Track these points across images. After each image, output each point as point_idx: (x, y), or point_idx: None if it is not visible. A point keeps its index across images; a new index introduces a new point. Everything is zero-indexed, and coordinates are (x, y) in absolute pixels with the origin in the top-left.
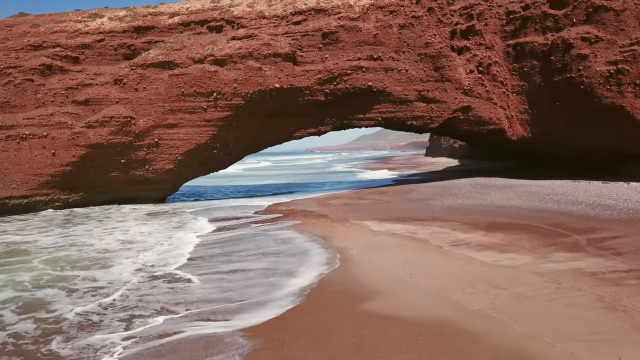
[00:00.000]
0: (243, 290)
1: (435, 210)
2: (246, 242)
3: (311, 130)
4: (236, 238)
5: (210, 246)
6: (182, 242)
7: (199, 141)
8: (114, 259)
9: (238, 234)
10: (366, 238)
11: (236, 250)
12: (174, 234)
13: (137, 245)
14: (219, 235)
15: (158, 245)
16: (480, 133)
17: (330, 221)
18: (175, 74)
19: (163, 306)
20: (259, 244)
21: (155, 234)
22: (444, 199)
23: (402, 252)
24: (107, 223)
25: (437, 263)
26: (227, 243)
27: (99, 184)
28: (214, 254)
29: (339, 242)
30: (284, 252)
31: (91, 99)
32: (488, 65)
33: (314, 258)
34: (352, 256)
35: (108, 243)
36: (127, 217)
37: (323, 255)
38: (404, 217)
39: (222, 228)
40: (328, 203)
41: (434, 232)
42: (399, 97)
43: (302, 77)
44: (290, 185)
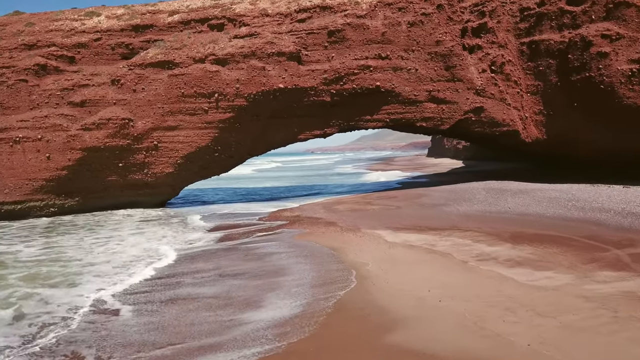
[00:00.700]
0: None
1: (452, 217)
2: (239, 255)
3: (316, 132)
4: (228, 250)
5: (191, 260)
6: (158, 256)
7: (200, 144)
8: (81, 276)
9: (233, 244)
10: (382, 250)
11: (221, 266)
12: (155, 247)
13: (106, 261)
14: (210, 247)
15: (127, 262)
16: (492, 135)
17: (340, 230)
18: (175, 74)
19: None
20: (260, 264)
21: (139, 245)
22: (458, 205)
23: (423, 268)
24: (97, 232)
25: (465, 282)
26: (214, 256)
27: (96, 189)
28: (193, 270)
29: (353, 255)
30: (291, 268)
31: (87, 100)
32: (501, 64)
33: (327, 273)
34: (369, 273)
35: (83, 256)
36: (118, 225)
37: (335, 272)
38: (419, 226)
39: (220, 239)
40: (335, 209)
41: (455, 243)
42: (408, 97)
43: (307, 77)
44: (295, 188)
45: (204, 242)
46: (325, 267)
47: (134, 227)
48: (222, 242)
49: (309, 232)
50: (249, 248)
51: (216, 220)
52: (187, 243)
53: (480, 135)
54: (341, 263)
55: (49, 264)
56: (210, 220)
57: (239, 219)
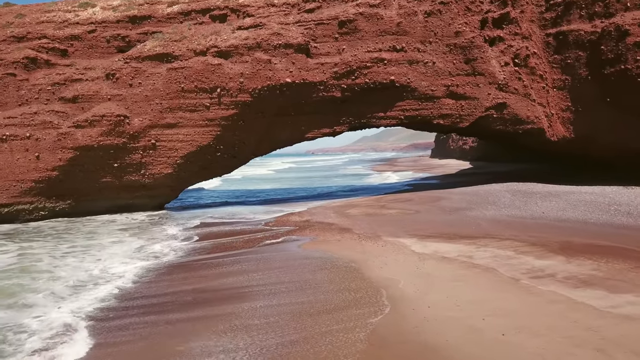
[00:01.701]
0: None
1: (481, 223)
2: (227, 270)
3: (325, 130)
4: (216, 265)
5: (158, 278)
6: (111, 278)
7: (201, 143)
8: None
9: (224, 255)
10: (411, 264)
11: (202, 288)
12: (117, 264)
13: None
14: (190, 259)
15: (73, 286)
16: (515, 134)
17: (358, 238)
18: (174, 68)
19: None
20: (260, 278)
21: (101, 261)
22: (484, 209)
23: (468, 288)
24: (65, 241)
25: (526, 308)
26: (191, 274)
27: (89, 191)
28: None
29: (377, 270)
30: (303, 287)
31: (80, 95)
32: (525, 57)
33: (350, 293)
34: (403, 293)
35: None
36: (95, 232)
37: (360, 291)
38: (447, 234)
39: (210, 249)
40: (348, 213)
41: (495, 255)
42: (425, 93)
43: (316, 71)
44: (298, 190)
45: (185, 253)
46: (346, 285)
47: (113, 235)
48: (211, 254)
49: (322, 239)
50: (245, 260)
51: (212, 227)
52: (167, 253)
53: (501, 134)
54: (365, 280)
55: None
56: (204, 228)
57: (240, 226)
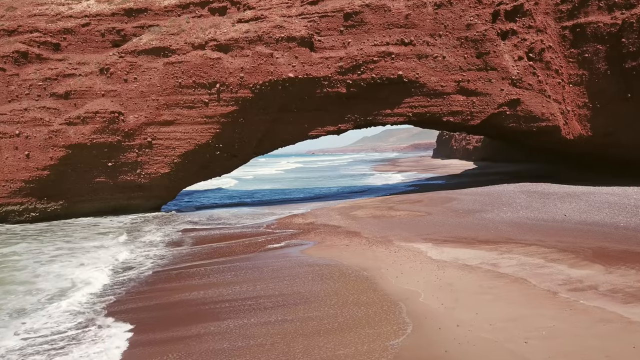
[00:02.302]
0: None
1: (499, 226)
2: (219, 279)
3: (329, 128)
4: (206, 274)
5: (136, 295)
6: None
7: (199, 141)
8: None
9: (215, 262)
10: (430, 273)
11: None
12: (87, 275)
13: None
14: (177, 267)
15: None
16: (529, 132)
17: (367, 242)
18: (171, 62)
19: None
20: (258, 290)
21: (68, 273)
22: (499, 210)
23: (499, 303)
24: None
25: (572, 327)
26: (176, 286)
27: (82, 192)
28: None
29: (393, 280)
30: (308, 298)
31: (72, 91)
32: (540, 51)
33: (364, 308)
34: (426, 308)
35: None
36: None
37: (376, 305)
38: (464, 238)
39: (201, 255)
40: (354, 215)
41: (523, 263)
42: (434, 88)
43: (320, 66)
44: (296, 191)
45: (170, 261)
46: (356, 297)
47: (92, 240)
48: (201, 260)
49: (328, 244)
50: (238, 268)
51: (207, 232)
52: (142, 263)
53: (514, 132)
54: (379, 291)
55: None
56: (198, 232)
57: (238, 229)
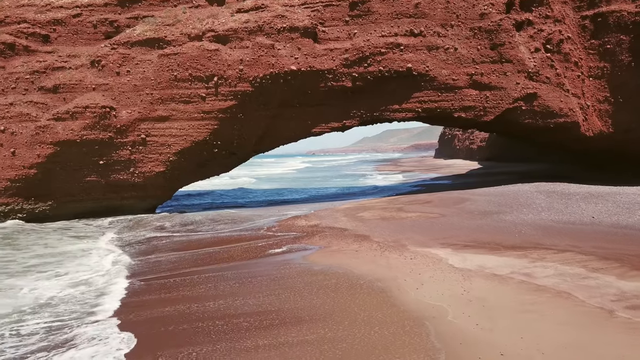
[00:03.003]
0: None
1: (523, 230)
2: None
3: (334, 124)
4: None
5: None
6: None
7: (196, 138)
8: None
9: (200, 271)
10: (455, 284)
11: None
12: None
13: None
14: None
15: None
16: (545, 128)
17: (379, 248)
18: (166, 54)
19: None
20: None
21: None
22: (519, 212)
23: (545, 323)
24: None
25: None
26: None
27: (72, 191)
28: None
29: (413, 293)
30: (313, 317)
31: (61, 85)
32: (558, 42)
33: (382, 328)
34: (458, 329)
35: None
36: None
37: (395, 326)
38: (487, 243)
39: (188, 263)
40: (361, 217)
41: (561, 273)
42: (445, 82)
43: (324, 58)
44: (296, 191)
45: (149, 268)
46: (372, 314)
47: (65, 244)
48: (191, 268)
49: (335, 249)
50: (228, 278)
51: (202, 234)
52: (107, 273)
53: (529, 129)
54: (398, 306)
55: None
56: (190, 235)
57: (237, 232)
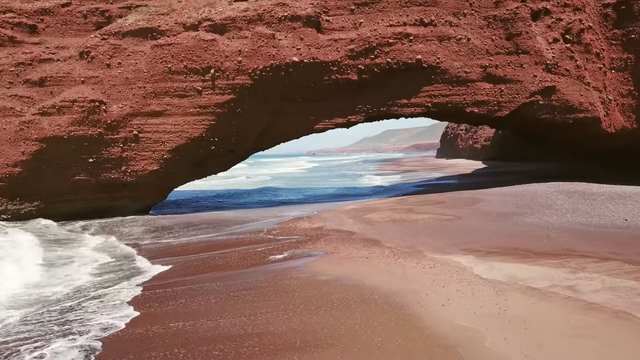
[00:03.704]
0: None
1: (551, 234)
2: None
3: (338, 120)
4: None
5: None
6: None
7: (192, 134)
8: None
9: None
10: (487, 299)
11: None
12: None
13: None
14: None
15: None
16: (564, 124)
17: (392, 254)
18: (160, 45)
19: None
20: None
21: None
22: (540, 214)
23: (608, 352)
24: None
25: None
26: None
27: (60, 191)
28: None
29: (440, 311)
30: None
31: (48, 77)
32: (579, 32)
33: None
34: (499, 358)
35: None
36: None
37: (422, 355)
38: (514, 249)
39: (172, 274)
40: (368, 219)
41: (612, 287)
42: (457, 75)
43: (328, 49)
44: (300, 190)
45: (120, 278)
46: (392, 340)
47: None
48: (179, 277)
49: (343, 256)
50: (231, 290)
51: (192, 238)
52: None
53: (546, 125)
54: (423, 329)
55: None
56: (179, 238)
57: (235, 235)
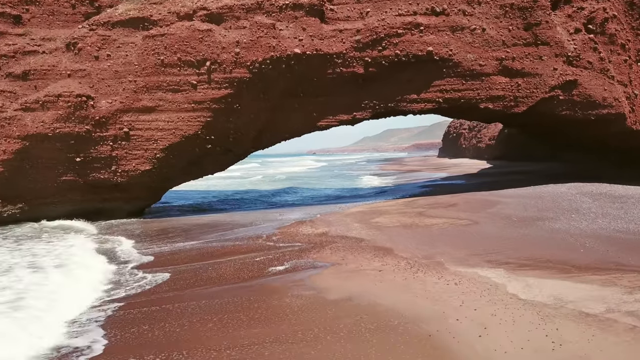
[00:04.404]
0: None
1: (587, 243)
2: None
3: (343, 117)
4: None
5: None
6: None
7: (186, 132)
8: None
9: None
10: (532, 327)
11: None
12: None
13: None
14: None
15: None
16: (585, 121)
17: (408, 265)
18: (151, 36)
19: None
20: None
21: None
22: (567, 218)
23: None
24: None
25: None
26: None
27: (46, 192)
28: None
29: (476, 343)
30: None
31: (32, 70)
32: (602, 22)
33: None
34: None
35: None
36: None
37: None
38: (549, 261)
39: (157, 290)
40: (377, 223)
41: None
42: (471, 68)
43: (332, 40)
44: (302, 190)
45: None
46: None
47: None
48: (167, 293)
49: (353, 268)
50: (222, 310)
51: (191, 244)
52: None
53: (566, 122)
54: None
55: None
56: (172, 244)
57: (231, 242)
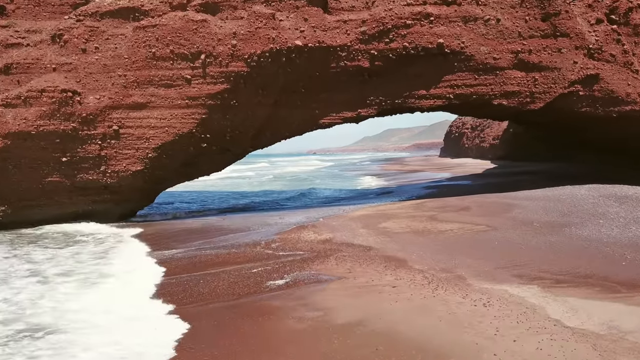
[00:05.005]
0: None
1: (628, 254)
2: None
3: (347, 114)
4: None
5: None
6: None
7: (180, 130)
8: None
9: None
10: None
11: None
12: None
13: None
14: None
15: None
16: (606, 118)
17: (426, 281)
18: (142, 27)
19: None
20: None
21: None
22: (594, 224)
23: None
24: None
25: None
26: None
27: (30, 195)
28: None
29: None
30: None
31: (15, 64)
32: (627, 12)
33: None
34: None
35: None
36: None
37: None
38: (588, 276)
39: None
40: (385, 228)
41: None
42: (485, 62)
43: (336, 31)
44: (302, 192)
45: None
46: None
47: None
48: None
49: (363, 283)
50: (209, 344)
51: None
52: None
53: (585, 119)
54: None
55: None
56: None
57: (226, 249)
